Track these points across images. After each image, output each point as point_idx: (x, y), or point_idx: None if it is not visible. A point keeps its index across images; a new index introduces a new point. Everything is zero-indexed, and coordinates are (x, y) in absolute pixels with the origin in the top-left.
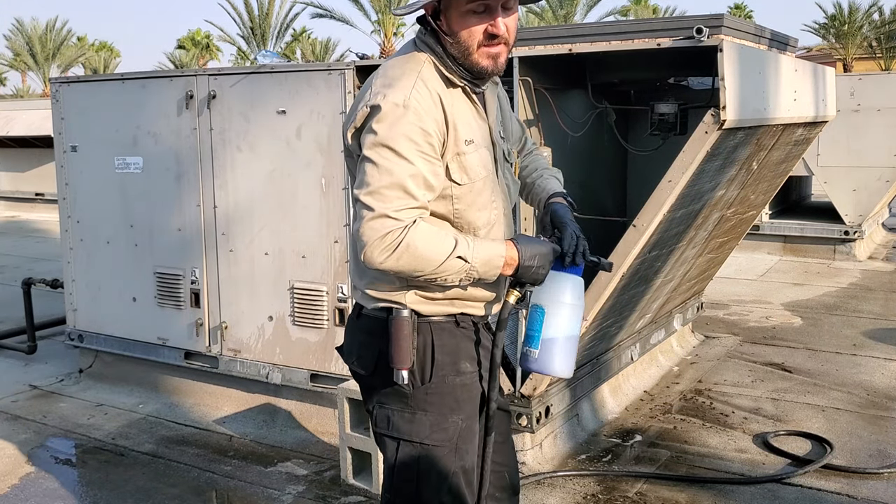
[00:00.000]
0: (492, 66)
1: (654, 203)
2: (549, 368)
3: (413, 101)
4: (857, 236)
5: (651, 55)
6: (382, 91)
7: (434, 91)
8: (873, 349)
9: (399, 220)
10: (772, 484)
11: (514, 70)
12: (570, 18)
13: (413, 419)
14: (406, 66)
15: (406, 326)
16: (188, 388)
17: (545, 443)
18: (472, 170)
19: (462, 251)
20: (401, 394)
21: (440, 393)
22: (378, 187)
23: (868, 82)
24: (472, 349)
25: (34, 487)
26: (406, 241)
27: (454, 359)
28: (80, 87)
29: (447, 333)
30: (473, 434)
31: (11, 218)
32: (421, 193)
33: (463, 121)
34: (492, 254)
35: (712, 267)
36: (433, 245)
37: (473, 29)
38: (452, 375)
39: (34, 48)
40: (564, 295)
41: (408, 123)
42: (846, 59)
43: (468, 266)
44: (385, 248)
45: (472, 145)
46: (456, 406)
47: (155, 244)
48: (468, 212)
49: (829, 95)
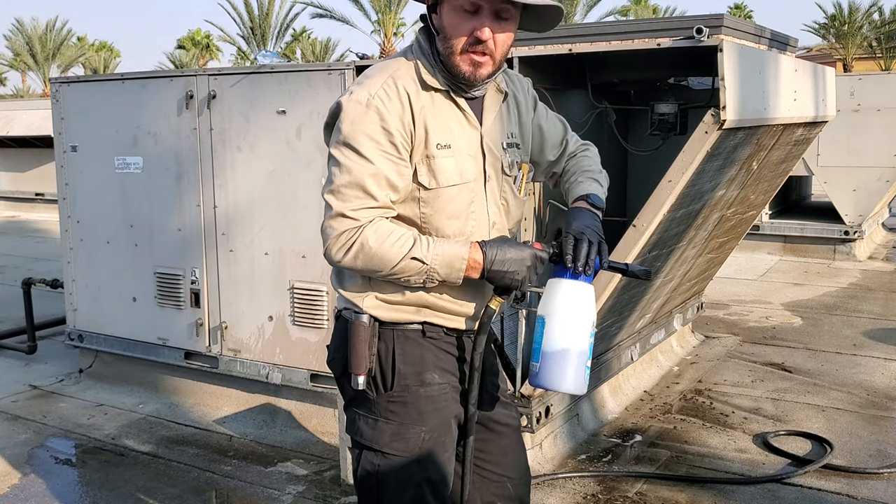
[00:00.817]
0: (471, 72)
1: (654, 203)
2: (550, 383)
3: (376, 100)
4: (857, 236)
5: (651, 55)
6: (351, 89)
7: (403, 90)
8: (873, 349)
9: (356, 219)
10: (772, 484)
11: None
12: (570, 18)
13: (375, 426)
14: (383, 65)
15: (362, 332)
16: (188, 388)
17: (545, 443)
18: (443, 175)
19: (417, 252)
20: (366, 399)
21: (402, 402)
22: (338, 186)
23: (868, 82)
24: (445, 360)
25: (34, 487)
26: (360, 241)
27: (418, 369)
28: (80, 87)
29: (411, 343)
30: (443, 447)
31: (11, 218)
32: (382, 193)
33: (440, 124)
34: (452, 255)
35: (712, 267)
36: (388, 245)
37: (460, 26)
38: (416, 386)
39: (34, 48)
40: (564, 304)
41: (369, 122)
42: (846, 59)
43: (426, 267)
44: (341, 247)
45: (446, 150)
46: (418, 417)
47: (155, 244)
48: (436, 217)
49: (829, 95)
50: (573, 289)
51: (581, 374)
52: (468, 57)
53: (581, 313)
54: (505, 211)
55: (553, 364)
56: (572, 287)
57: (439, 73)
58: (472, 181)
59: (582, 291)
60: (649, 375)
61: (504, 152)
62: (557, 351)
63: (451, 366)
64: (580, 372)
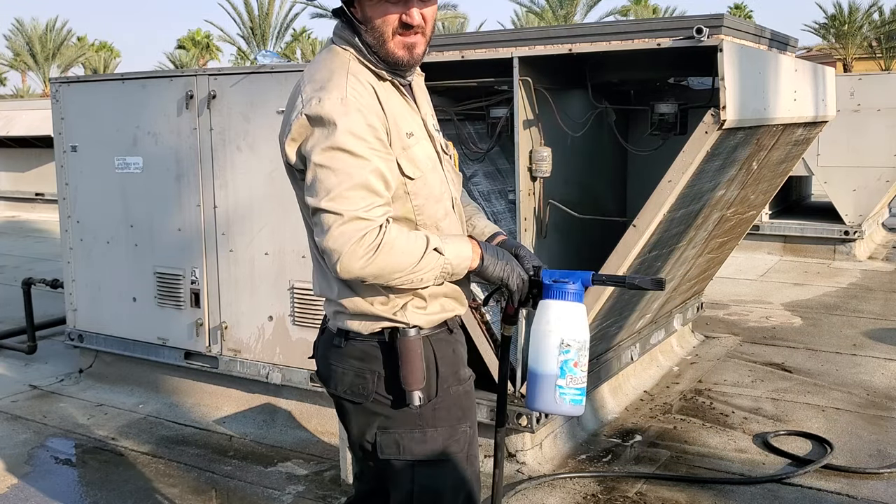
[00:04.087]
0: (407, 56)
1: (654, 203)
2: (529, 402)
3: (351, 98)
4: (857, 236)
5: (651, 55)
6: (316, 96)
7: (367, 84)
8: (873, 349)
9: (371, 219)
10: (772, 484)
11: (514, 70)
12: (570, 18)
13: (425, 438)
14: (332, 65)
15: (417, 346)
16: (188, 388)
17: (545, 443)
18: (421, 162)
19: (436, 243)
20: (407, 415)
21: (447, 406)
22: (340, 192)
23: (868, 82)
24: (464, 353)
25: (34, 487)
26: (385, 241)
27: (455, 368)
28: (80, 87)
29: (444, 343)
30: (476, 437)
31: (11, 218)
32: (383, 189)
33: (399, 113)
34: (460, 246)
35: (712, 267)
36: (409, 242)
37: (388, 17)
38: (456, 385)
39: (34, 48)
40: (534, 325)
41: (352, 122)
42: (846, 59)
43: (444, 259)
44: (365, 252)
45: (413, 138)
46: (462, 415)
47: (155, 244)
48: (427, 205)
49: (829, 95)
50: (541, 309)
51: (550, 395)
52: (400, 41)
53: (544, 334)
54: (457, 188)
55: (531, 382)
56: (553, 306)
57: (377, 65)
58: (436, 163)
59: (547, 311)
60: (649, 375)
61: (437, 133)
62: (530, 371)
63: (465, 356)
64: (549, 393)
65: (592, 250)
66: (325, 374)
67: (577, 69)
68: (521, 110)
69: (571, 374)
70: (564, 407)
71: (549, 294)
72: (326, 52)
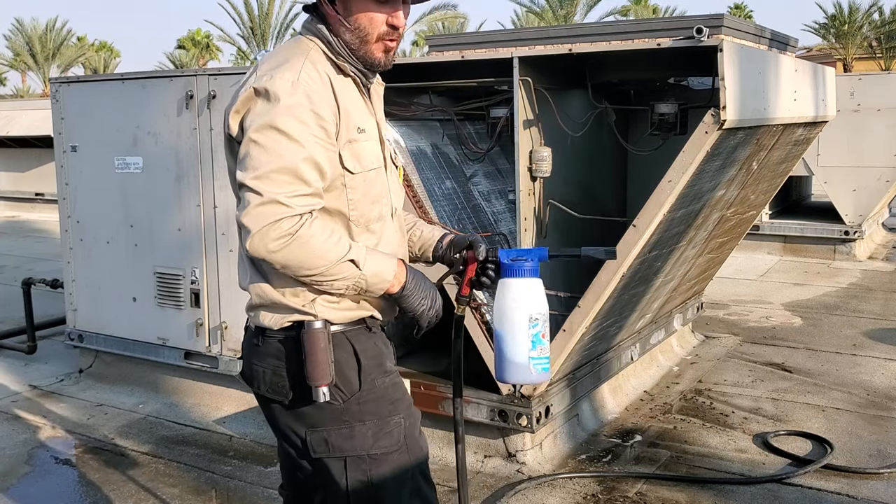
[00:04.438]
0: (384, 59)
1: (654, 203)
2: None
3: (303, 83)
4: (857, 236)
5: (651, 55)
6: (269, 73)
7: (324, 73)
8: (873, 349)
9: (291, 207)
10: (772, 484)
11: (514, 70)
12: (570, 18)
13: (353, 433)
14: (293, 50)
15: (322, 338)
16: (188, 388)
17: (545, 443)
18: (365, 158)
19: (355, 255)
20: (332, 411)
21: (374, 399)
22: (267, 171)
23: (868, 82)
24: (389, 351)
25: (34, 487)
26: (301, 233)
27: (379, 360)
28: (80, 87)
29: (364, 337)
30: (416, 426)
31: (11, 218)
32: (314, 178)
33: (354, 108)
34: (384, 268)
35: (712, 267)
36: (328, 243)
37: (375, 17)
38: (381, 377)
39: (34, 48)
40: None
41: (298, 105)
42: (846, 59)
43: (359, 273)
44: (277, 237)
45: (364, 134)
46: (392, 407)
47: (155, 244)
48: (362, 203)
49: (829, 95)
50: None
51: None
52: (382, 44)
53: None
54: (399, 200)
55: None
56: (502, 286)
57: (348, 61)
58: (381, 166)
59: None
60: (649, 375)
61: (388, 143)
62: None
63: (391, 353)
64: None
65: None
66: (248, 374)
67: (577, 69)
68: (521, 110)
69: (541, 345)
70: (536, 376)
71: (509, 273)
72: (291, 40)
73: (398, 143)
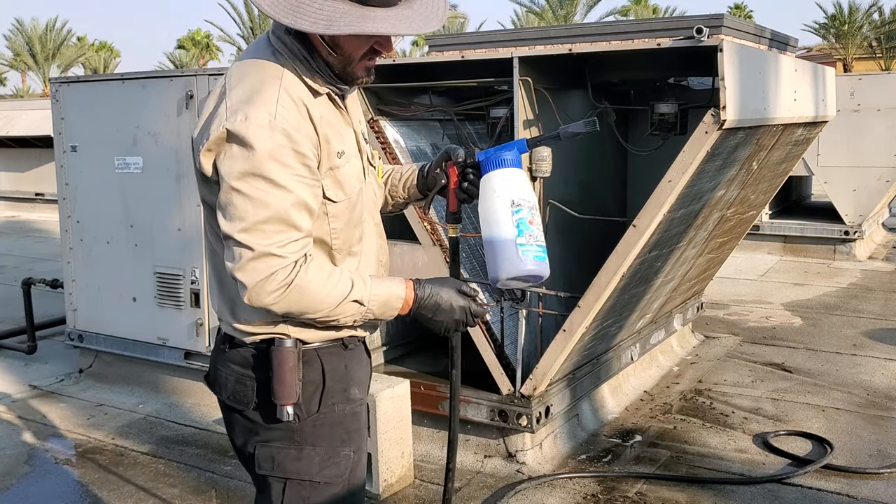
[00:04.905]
0: (366, 76)
1: (654, 203)
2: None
3: (280, 119)
4: (857, 236)
5: (651, 55)
6: (242, 110)
7: (300, 102)
8: (873, 349)
9: (284, 256)
10: (772, 484)
11: (514, 70)
12: (570, 18)
13: (300, 455)
14: (264, 73)
15: (291, 358)
16: (188, 388)
17: (545, 443)
18: (348, 184)
19: (358, 294)
20: (285, 429)
21: (330, 424)
22: (254, 223)
23: (868, 82)
24: (361, 373)
25: (34, 487)
26: (296, 282)
27: (343, 385)
28: (80, 87)
29: (336, 358)
30: (363, 467)
31: (11, 218)
32: (304, 221)
33: (333, 131)
34: (390, 295)
35: (712, 267)
36: (327, 287)
37: (361, 40)
38: (342, 403)
39: (34, 48)
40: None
41: (279, 147)
42: (846, 59)
43: (364, 309)
44: (273, 290)
45: (344, 157)
46: (347, 437)
47: (155, 244)
48: (345, 230)
49: (829, 95)
50: (484, 183)
51: (513, 255)
52: (364, 64)
53: (492, 201)
54: (377, 206)
55: (489, 256)
56: (484, 182)
57: (318, 76)
58: (362, 186)
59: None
60: (649, 375)
61: (366, 143)
62: (487, 243)
63: (365, 377)
64: (511, 253)
65: (592, 250)
66: (212, 378)
67: (577, 69)
68: (521, 110)
69: (529, 231)
70: (529, 264)
71: (488, 167)
72: (262, 52)
73: (398, 143)
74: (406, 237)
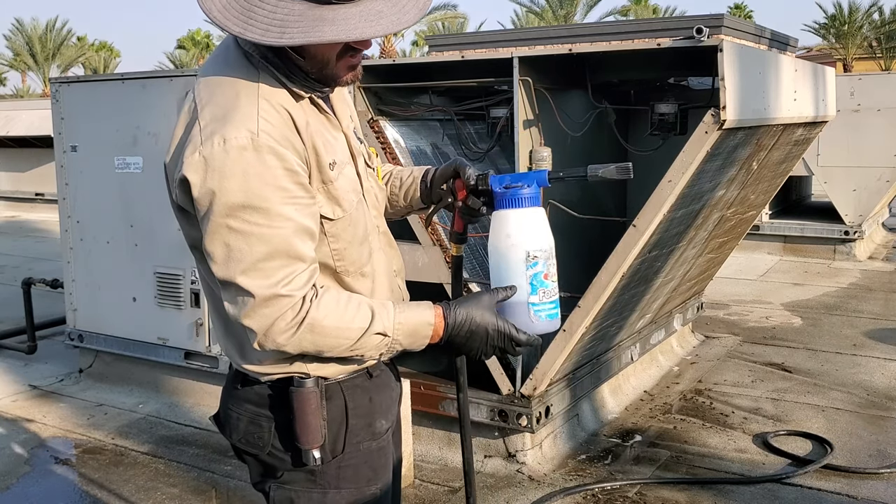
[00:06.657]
0: (352, 76)
1: (654, 203)
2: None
3: (264, 137)
4: (857, 236)
5: (651, 55)
6: (218, 131)
7: (282, 110)
8: (873, 349)
9: (291, 295)
10: (772, 484)
11: (514, 70)
12: (570, 18)
13: (324, 499)
14: (237, 82)
15: (313, 400)
16: (188, 387)
17: (545, 443)
18: (345, 198)
19: (381, 325)
20: (307, 470)
21: (355, 465)
22: (254, 262)
23: (868, 82)
24: (386, 399)
25: (34, 487)
26: (308, 321)
27: (368, 420)
28: (80, 87)
29: (360, 391)
30: (388, 497)
31: (11, 218)
32: (308, 249)
33: (320, 139)
34: (418, 323)
35: (712, 267)
36: (345, 320)
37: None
38: (368, 441)
39: (34, 48)
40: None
41: (268, 170)
42: (846, 59)
43: (389, 340)
44: (284, 330)
45: (336, 168)
46: (373, 476)
47: (155, 244)
48: (350, 250)
49: (829, 95)
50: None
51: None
52: (346, 63)
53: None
54: (380, 212)
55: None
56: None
57: (297, 80)
58: (360, 192)
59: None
60: (649, 375)
61: (360, 143)
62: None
63: (391, 402)
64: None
65: (592, 250)
66: (222, 418)
67: (577, 69)
68: (521, 110)
69: (543, 289)
70: (541, 325)
71: (503, 203)
72: (232, 57)
73: (398, 144)
74: (406, 237)
